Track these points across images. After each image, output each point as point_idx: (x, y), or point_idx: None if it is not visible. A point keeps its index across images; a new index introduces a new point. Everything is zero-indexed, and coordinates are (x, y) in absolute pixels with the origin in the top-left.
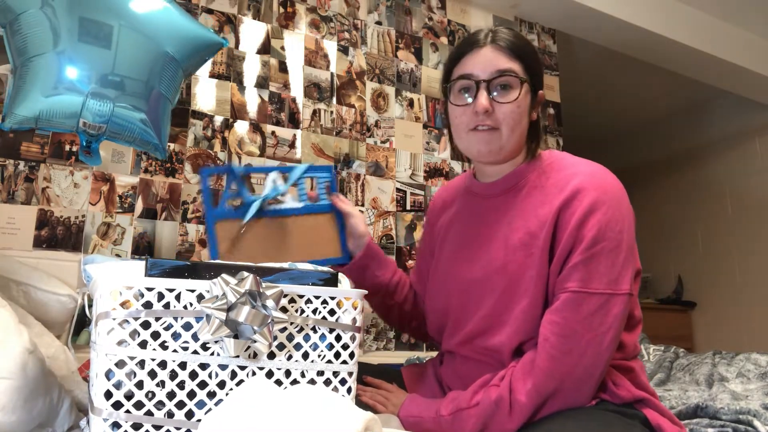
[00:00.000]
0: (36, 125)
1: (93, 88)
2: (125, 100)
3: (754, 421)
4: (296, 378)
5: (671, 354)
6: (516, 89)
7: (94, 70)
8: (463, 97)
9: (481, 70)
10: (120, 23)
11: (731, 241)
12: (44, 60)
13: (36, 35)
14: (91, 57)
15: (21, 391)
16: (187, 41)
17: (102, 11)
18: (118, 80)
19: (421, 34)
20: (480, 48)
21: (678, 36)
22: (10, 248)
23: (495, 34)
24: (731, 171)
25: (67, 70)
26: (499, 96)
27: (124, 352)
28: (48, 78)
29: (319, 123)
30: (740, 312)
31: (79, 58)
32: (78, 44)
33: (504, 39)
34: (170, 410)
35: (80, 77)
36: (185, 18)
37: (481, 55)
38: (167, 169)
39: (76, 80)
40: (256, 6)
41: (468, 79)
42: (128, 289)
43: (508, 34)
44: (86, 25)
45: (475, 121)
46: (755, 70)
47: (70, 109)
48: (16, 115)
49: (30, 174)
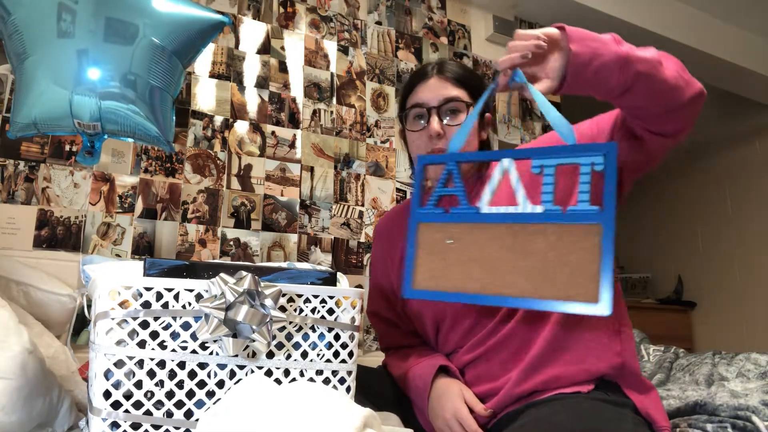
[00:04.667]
0: (38, 130)
1: (78, 87)
2: (113, 96)
3: (753, 417)
4: (295, 377)
5: (671, 354)
6: (463, 113)
7: (83, 68)
8: (418, 123)
9: (430, 98)
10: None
11: (731, 241)
12: (31, 64)
13: (24, 38)
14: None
15: (21, 391)
16: (177, 27)
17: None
18: (104, 76)
19: (421, 34)
20: (428, 79)
21: (678, 36)
22: (10, 248)
23: (441, 66)
24: (731, 171)
25: (78, 70)
26: (449, 120)
27: (122, 352)
28: (35, 81)
29: (319, 123)
30: (740, 312)
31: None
32: (59, 45)
33: (449, 70)
34: (169, 410)
35: (72, 77)
36: (173, 1)
37: (430, 85)
38: (167, 169)
39: (70, 80)
40: (256, 6)
41: (420, 107)
42: (127, 288)
43: (453, 65)
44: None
45: (430, 145)
46: (755, 70)
47: (61, 110)
48: (17, 123)
49: (30, 174)
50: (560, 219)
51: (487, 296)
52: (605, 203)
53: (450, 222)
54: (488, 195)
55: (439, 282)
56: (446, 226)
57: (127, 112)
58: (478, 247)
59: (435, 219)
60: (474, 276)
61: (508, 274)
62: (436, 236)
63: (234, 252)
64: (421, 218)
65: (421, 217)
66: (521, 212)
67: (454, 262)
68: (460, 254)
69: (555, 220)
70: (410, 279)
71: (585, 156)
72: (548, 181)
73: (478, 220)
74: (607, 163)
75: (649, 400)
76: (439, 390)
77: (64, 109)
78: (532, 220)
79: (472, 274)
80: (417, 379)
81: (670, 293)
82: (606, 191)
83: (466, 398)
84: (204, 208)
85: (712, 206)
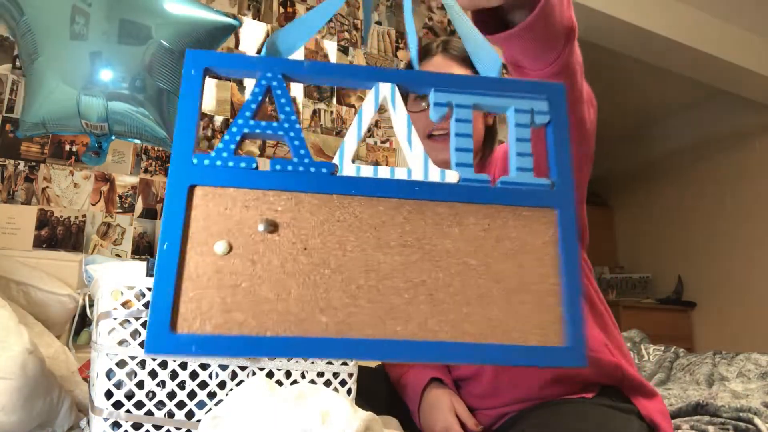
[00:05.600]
0: (46, 130)
1: (86, 88)
2: (121, 97)
3: (755, 419)
4: (296, 379)
5: (671, 354)
6: None
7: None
8: (419, 103)
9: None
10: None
11: (731, 241)
12: (41, 64)
13: (36, 38)
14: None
15: (21, 392)
16: (187, 29)
17: None
18: (115, 77)
19: (421, 34)
20: (432, 57)
21: (678, 36)
22: (10, 248)
23: (446, 43)
24: (731, 171)
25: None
26: None
27: (124, 352)
28: (45, 81)
29: (319, 123)
30: (740, 312)
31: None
32: (70, 43)
33: (454, 48)
34: (171, 410)
35: (82, 78)
36: (184, 3)
37: (433, 63)
38: (167, 169)
39: (78, 81)
40: (256, 6)
41: None
42: (129, 289)
43: (459, 43)
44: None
45: (431, 126)
46: (755, 70)
47: (69, 111)
48: (25, 123)
49: (30, 174)
50: (489, 198)
51: (342, 340)
52: (559, 174)
53: (268, 189)
54: (353, 143)
55: (241, 312)
56: (260, 195)
57: (134, 114)
58: (332, 241)
59: (232, 180)
60: (325, 299)
61: (395, 295)
62: (234, 214)
63: None
64: (200, 177)
65: (200, 174)
66: (418, 181)
67: (276, 268)
68: (291, 254)
69: (480, 200)
70: (169, 305)
71: (519, 98)
72: (463, 132)
73: (333, 191)
74: (555, 114)
75: (653, 406)
76: (430, 401)
77: (72, 109)
78: (437, 197)
79: (319, 294)
80: (409, 388)
81: (670, 293)
82: (557, 155)
83: (458, 411)
84: None
85: (712, 206)
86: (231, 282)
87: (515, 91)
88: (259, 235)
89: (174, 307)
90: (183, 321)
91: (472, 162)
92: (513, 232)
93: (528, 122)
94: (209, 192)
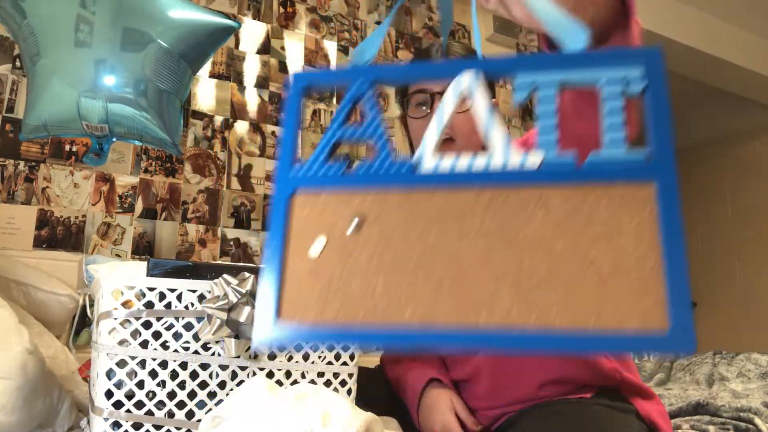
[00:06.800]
0: (48, 132)
1: (85, 90)
2: (121, 99)
3: (755, 419)
4: (296, 379)
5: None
6: None
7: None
8: (420, 109)
9: (434, 82)
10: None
11: (731, 241)
12: (43, 67)
13: (39, 41)
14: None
15: (21, 392)
16: (187, 31)
17: None
18: (118, 82)
19: (421, 34)
20: None
21: (678, 36)
22: (10, 248)
23: (447, 48)
24: (731, 171)
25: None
26: None
27: (125, 352)
28: (48, 85)
29: (319, 123)
30: (740, 312)
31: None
32: (71, 48)
33: (455, 53)
34: (171, 410)
35: (84, 81)
36: (184, 5)
37: None
38: (167, 169)
39: (76, 84)
40: (256, 6)
41: (423, 92)
42: (130, 288)
43: (459, 48)
44: None
45: None
46: (755, 70)
47: (71, 113)
48: (27, 125)
49: (30, 174)
50: (576, 177)
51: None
52: (658, 143)
53: (356, 190)
54: (434, 137)
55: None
56: (348, 197)
57: (135, 115)
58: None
59: (325, 183)
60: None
61: (477, 286)
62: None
63: (234, 252)
64: (298, 183)
65: (298, 182)
66: (501, 169)
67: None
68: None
69: (566, 179)
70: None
71: (610, 69)
72: (547, 111)
73: (415, 184)
74: (652, 81)
75: (651, 406)
76: (430, 401)
77: (74, 112)
78: (520, 181)
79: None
80: (408, 388)
81: None
82: (656, 123)
83: (457, 410)
84: (204, 208)
85: (712, 206)
86: (325, 280)
87: (606, 64)
88: (348, 235)
89: (278, 302)
90: (285, 315)
91: (555, 142)
92: (604, 213)
93: (620, 92)
94: (305, 198)
